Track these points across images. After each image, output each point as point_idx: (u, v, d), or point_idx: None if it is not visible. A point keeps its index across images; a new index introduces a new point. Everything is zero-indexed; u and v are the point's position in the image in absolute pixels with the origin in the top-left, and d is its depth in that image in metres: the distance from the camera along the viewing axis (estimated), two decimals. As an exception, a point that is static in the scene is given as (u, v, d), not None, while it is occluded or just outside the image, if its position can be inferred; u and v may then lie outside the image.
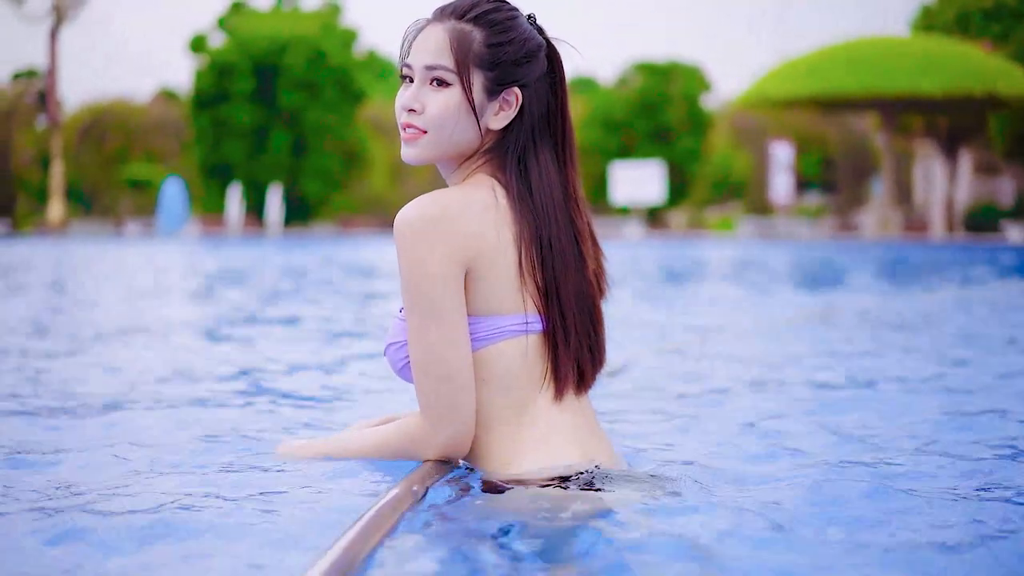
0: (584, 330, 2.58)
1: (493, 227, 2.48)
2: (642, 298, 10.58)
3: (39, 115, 40.75)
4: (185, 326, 7.57)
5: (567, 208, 2.59)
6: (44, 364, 5.23)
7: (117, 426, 3.51)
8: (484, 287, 2.49)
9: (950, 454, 3.15)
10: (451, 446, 2.52)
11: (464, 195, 2.50)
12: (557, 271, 2.53)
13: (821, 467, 2.96)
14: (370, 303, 9.99)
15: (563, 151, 2.62)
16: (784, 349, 6.28)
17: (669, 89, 39.03)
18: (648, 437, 3.45)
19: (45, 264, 16.66)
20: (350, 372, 5.17)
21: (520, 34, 2.55)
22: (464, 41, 2.52)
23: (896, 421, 3.74)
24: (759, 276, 14.83)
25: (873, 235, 32.43)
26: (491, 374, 2.52)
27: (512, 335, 2.52)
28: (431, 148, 2.56)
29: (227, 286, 11.93)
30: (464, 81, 2.51)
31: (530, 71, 2.56)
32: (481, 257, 2.47)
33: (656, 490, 2.59)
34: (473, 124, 2.54)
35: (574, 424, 2.59)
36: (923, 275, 14.91)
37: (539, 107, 2.58)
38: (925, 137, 36.40)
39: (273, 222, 33.62)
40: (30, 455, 3.02)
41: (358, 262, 17.28)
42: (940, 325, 7.74)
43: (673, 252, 22.71)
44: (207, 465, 2.91)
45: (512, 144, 2.56)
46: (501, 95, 2.55)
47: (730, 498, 2.61)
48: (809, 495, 2.63)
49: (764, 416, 3.86)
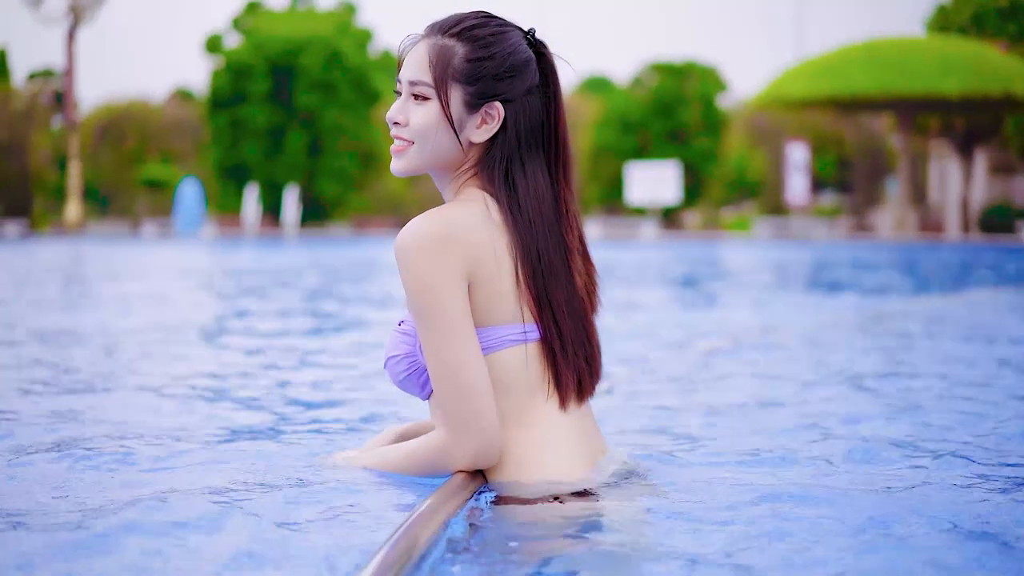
0: (579, 340, 2.62)
1: (489, 240, 2.53)
2: (680, 301, 10.58)
3: (56, 115, 40.88)
4: (220, 330, 7.61)
5: (557, 223, 2.63)
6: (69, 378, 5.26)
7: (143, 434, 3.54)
8: (483, 298, 2.54)
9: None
10: (480, 454, 2.54)
11: (459, 210, 2.54)
12: (548, 283, 2.58)
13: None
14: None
15: (556, 166, 2.65)
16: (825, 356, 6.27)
17: (685, 89, 38.93)
18: (660, 439, 3.47)
19: (70, 264, 16.72)
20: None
21: (503, 49, 2.59)
22: (444, 56, 2.57)
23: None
24: (796, 278, 14.80)
25: (889, 235, 32.33)
26: (493, 381, 2.57)
27: (512, 344, 2.57)
28: (415, 159, 2.62)
29: (273, 288, 11.96)
30: (441, 96, 2.57)
31: (513, 85, 2.59)
32: (481, 269, 2.52)
33: (655, 497, 2.64)
34: (452, 137, 2.59)
35: (576, 430, 2.63)
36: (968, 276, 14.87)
37: (527, 121, 2.61)
38: (941, 137, 36.26)
39: (290, 223, 33.66)
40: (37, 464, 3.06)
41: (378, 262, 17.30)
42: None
43: (697, 253, 22.66)
44: (232, 479, 2.88)
45: (497, 157, 2.60)
46: (483, 109, 2.59)
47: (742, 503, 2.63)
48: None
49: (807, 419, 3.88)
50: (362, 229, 37.16)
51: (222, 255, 20.98)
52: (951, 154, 36.68)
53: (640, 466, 2.83)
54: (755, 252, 23.43)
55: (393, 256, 2.49)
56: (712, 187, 39.92)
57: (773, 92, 32.25)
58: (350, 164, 39.00)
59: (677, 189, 32.59)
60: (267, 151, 38.40)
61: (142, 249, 23.48)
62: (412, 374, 2.63)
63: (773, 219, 36.10)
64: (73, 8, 37.16)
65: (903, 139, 33.43)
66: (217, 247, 24.87)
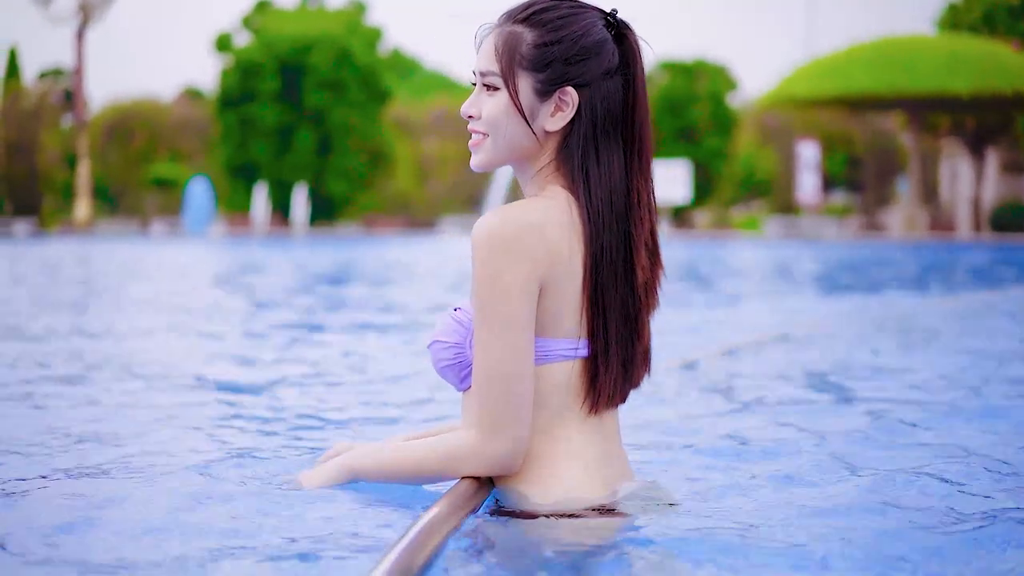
0: (625, 346, 2.52)
1: (567, 248, 2.42)
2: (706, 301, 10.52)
3: (66, 114, 40.97)
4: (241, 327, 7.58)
5: (627, 216, 2.50)
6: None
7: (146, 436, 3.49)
8: (548, 308, 2.44)
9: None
10: (505, 461, 2.45)
11: (545, 210, 2.43)
12: (605, 281, 2.47)
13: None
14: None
15: (633, 154, 2.52)
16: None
17: (695, 88, 38.90)
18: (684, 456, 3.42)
19: (73, 264, 16.71)
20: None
21: (574, 31, 2.47)
22: (511, 44, 2.47)
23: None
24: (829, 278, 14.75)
25: (899, 235, 32.26)
26: (535, 391, 2.47)
27: (560, 359, 2.48)
28: (490, 152, 2.52)
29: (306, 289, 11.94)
30: (509, 85, 2.47)
31: (587, 69, 2.47)
32: (554, 277, 2.42)
33: (673, 510, 2.58)
34: (524, 127, 2.48)
35: (599, 446, 2.55)
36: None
37: (604, 107, 2.49)
38: (952, 136, 36.19)
39: (299, 222, 33.67)
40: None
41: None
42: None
43: (701, 252, 22.61)
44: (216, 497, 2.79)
45: (575, 147, 2.49)
46: (555, 95, 2.48)
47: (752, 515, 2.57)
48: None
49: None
50: (372, 228, 37.16)
51: (229, 254, 20.97)
52: (962, 153, 36.61)
53: (661, 486, 2.74)
54: (762, 252, 23.37)
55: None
56: (722, 186, 39.88)
57: (782, 91, 32.21)
58: (359, 163, 39.01)
59: (687, 188, 32.55)
60: (276, 150, 38.42)
61: (149, 248, 23.48)
62: (455, 365, 2.53)
63: (783, 218, 36.04)
64: (82, 7, 37.20)
65: (913, 138, 33.37)
66: (226, 246, 24.87)
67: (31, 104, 40.01)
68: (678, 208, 37.21)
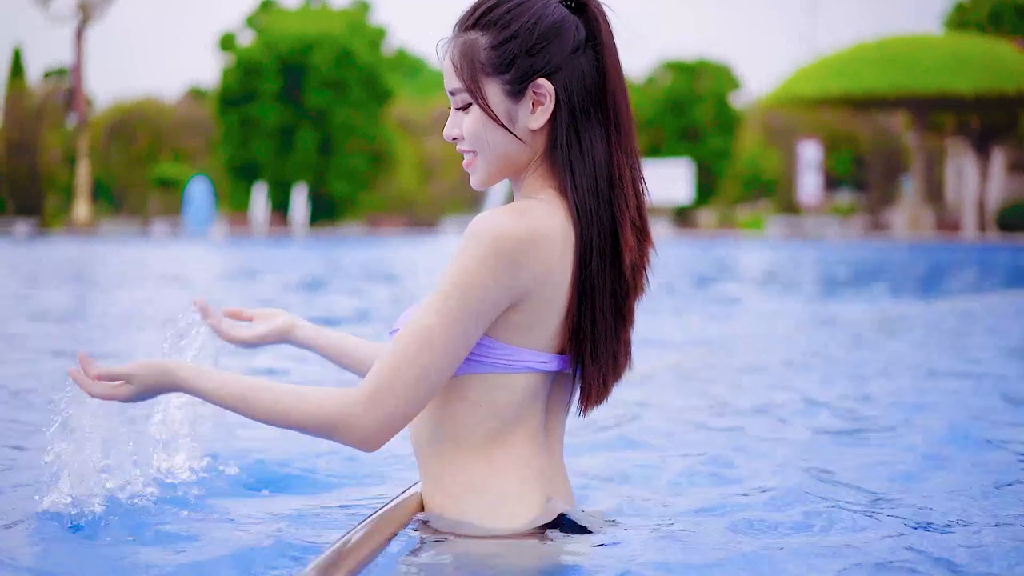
0: (614, 342, 2.37)
1: (560, 267, 2.29)
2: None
3: (69, 114, 40.97)
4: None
5: (611, 196, 2.35)
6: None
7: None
8: (524, 321, 2.30)
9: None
10: (373, 433, 2.22)
11: (549, 223, 2.29)
12: (594, 272, 2.32)
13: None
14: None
15: (611, 128, 2.36)
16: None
17: (698, 87, 38.87)
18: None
19: (66, 265, 16.65)
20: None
21: (527, 20, 2.31)
22: (469, 54, 2.34)
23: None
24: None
25: (904, 234, 32.15)
26: (491, 400, 2.34)
27: (530, 371, 2.33)
28: (483, 169, 2.38)
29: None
30: (478, 98, 2.33)
31: (551, 55, 2.32)
32: (537, 297, 2.28)
33: (611, 527, 2.50)
34: (506, 135, 2.34)
35: (543, 459, 2.42)
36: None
37: (580, 85, 2.34)
38: (957, 135, 36.12)
39: (298, 222, 33.63)
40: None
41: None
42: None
43: (700, 252, 22.52)
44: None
45: (558, 141, 2.34)
46: (529, 91, 2.33)
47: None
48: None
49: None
50: (374, 228, 37.12)
51: (223, 256, 20.90)
52: (967, 152, 36.52)
53: (601, 512, 2.62)
54: (756, 254, 23.27)
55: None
56: (726, 186, 39.85)
57: (786, 90, 32.16)
58: (361, 163, 38.98)
59: (690, 188, 32.49)
60: (277, 150, 38.42)
61: (149, 250, 23.40)
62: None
63: (786, 218, 35.97)
64: (82, 6, 37.18)
65: (918, 137, 33.29)
66: (222, 247, 24.78)
67: (33, 104, 40.00)
68: (681, 208, 37.17)
